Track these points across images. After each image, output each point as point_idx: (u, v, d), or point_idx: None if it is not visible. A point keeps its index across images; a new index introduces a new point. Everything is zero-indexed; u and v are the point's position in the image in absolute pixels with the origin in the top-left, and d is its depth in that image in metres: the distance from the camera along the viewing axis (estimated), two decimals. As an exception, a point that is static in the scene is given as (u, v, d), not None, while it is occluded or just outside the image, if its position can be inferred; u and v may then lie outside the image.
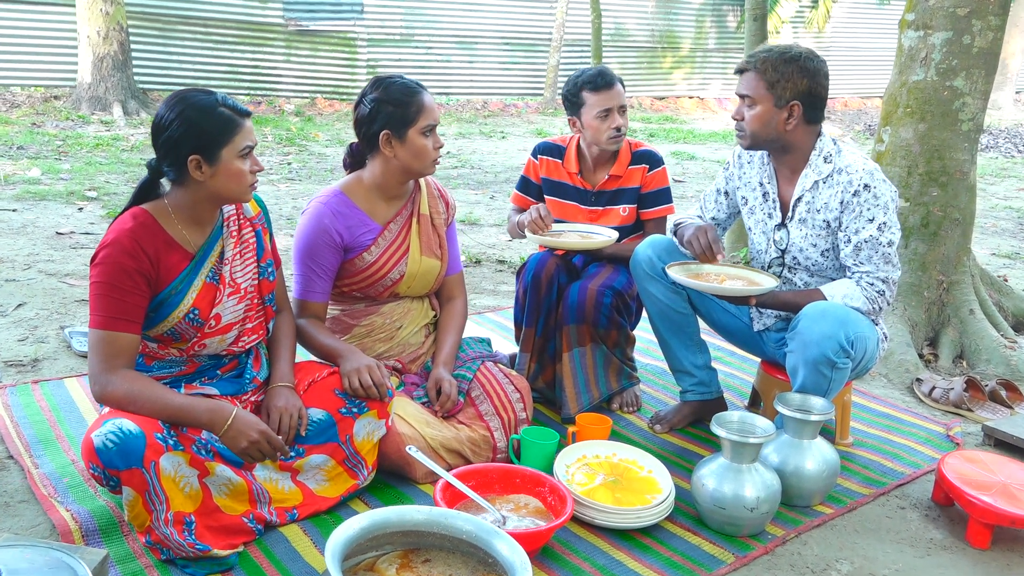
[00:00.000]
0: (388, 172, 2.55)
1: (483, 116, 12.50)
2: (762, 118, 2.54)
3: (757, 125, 2.55)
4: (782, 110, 2.52)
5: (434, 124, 2.51)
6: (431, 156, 2.52)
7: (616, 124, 2.96)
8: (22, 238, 4.75)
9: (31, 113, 9.34)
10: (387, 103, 2.46)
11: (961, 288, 3.76)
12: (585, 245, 2.95)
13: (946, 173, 3.68)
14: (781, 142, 2.59)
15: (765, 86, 2.51)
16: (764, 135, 2.56)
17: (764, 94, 2.52)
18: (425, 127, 2.48)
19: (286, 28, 11.62)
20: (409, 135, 2.47)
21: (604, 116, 2.95)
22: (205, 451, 2.08)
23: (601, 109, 2.94)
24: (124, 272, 2.02)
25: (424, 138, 2.49)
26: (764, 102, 2.52)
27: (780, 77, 2.49)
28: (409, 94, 2.47)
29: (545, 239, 2.93)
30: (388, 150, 2.49)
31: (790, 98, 2.51)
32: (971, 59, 3.58)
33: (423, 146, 2.49)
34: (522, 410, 2.64)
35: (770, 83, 2.50)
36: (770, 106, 2.52)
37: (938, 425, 3.09)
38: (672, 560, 2.18)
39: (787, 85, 2.50)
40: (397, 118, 2.45)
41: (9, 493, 2.27)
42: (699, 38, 15.42)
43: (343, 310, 2.67)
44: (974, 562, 2.27)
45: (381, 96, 2.47)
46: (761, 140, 2.58)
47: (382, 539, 1.83)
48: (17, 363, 3.11)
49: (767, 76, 2.50)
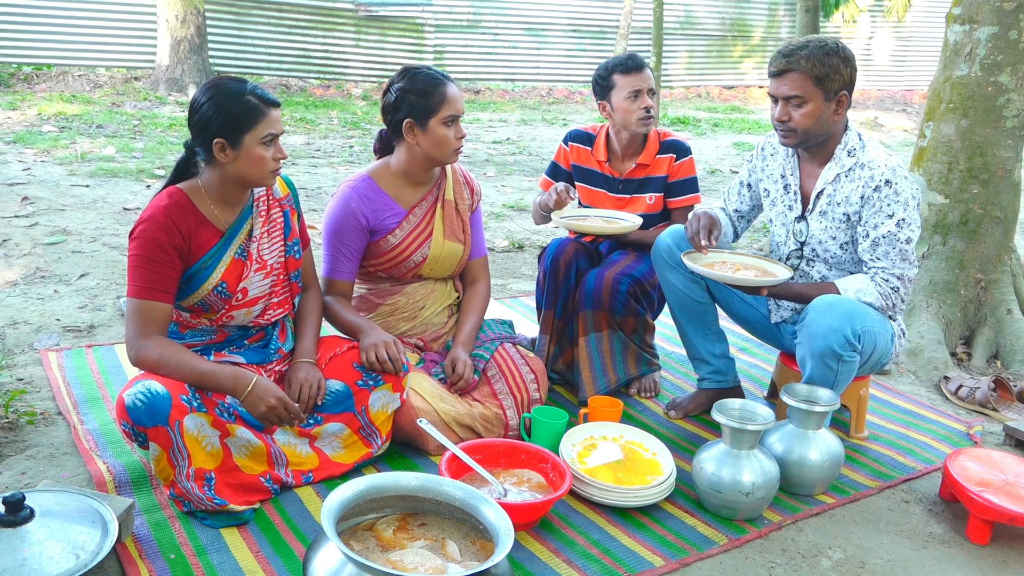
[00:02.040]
0: (412, 159, 2.67)
1: (547, 103, 12.56)
2: (814, 114, 2.54)
3: (810, 122, 2.55)
4: (831, 103, 2.54)
5: (457, 115, 2.61)
6: (453, 145, 2.63)
7: (646, 104, 3.02)
8: (92, 212, 5.04)
9: (112, 93, 9.77)
10: (411, 92, 2.57)
11: (1000, 287, 3.71)
12: (608, 230, 3.02)
13: (988, 170, 3.63)
14: (827, 134, 2.61)
15: (813, 82, 2.51)
16: (816, 130, 2.57)
17: (813, 90, 2.52)
18: (447, 117, 2.58)
19: (356, 13, 11.86)
20: (431, 124, 2.58)
21: (634, 97, 3.01)
22: (227, 414, 2.24)
23: (632, 90, 3.01)
24: (159, 246, 2.19)
25: (446, 128, 2.59)
26: (815, 98, 2.52)
27: (828, 71, 2.50)
28: (433, 84, 2.58)
29: (570, 222, 3.01)
30: (411, 138, 2.61)
31: (838, 89, 2.53)
32: (1017, 54, 3.52)
33: (444, 135, 2.60)
34: (536, 390, 2.75)
35: (818, 78, 2.51)
36: (821, 101, 2.52)
37: (960, 423, 3.08)
38: (665, 539, 2.26)
39: (835, 77, 2.51)
40: (420, 107, 2.57)
41: (55, 446, 2.48)
42: (771, 27, 15.15)
43: (369, 289, 2.81)
44: (970, 557, 2.29)
45: (406, 85, 2.59)
46: (812, 136, 2.58)
47: (381, 502, 1.96)
48: (75, 328, 3.35)
49: (814, 72, 2.50)
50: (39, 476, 2.30)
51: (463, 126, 2.65)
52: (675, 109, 12.72)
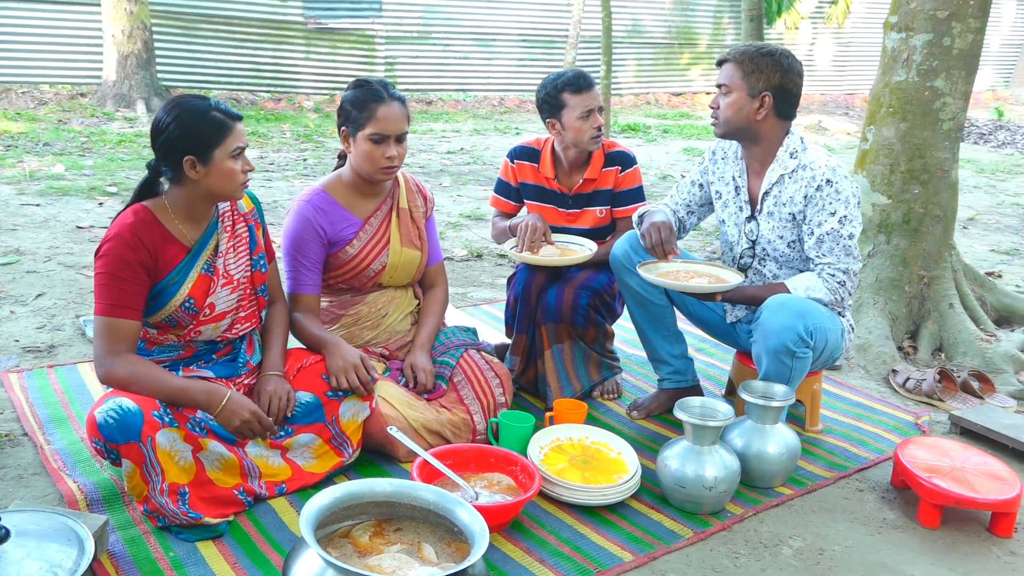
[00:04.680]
0: (352, 170, 2.74)
1: (499, 112, 12.65)
2: (735, 105, 2.69)
3: (730, 112, 2.70)
4: (754, 100, 2.67)
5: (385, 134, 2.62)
6: (379, 163, 2.66)
7: (598, 124, 3.07)
8: (44, 231, 4.98)
9: (58, 110, 9.62)
10: (348, 103, 2.65)
11: (942, 283, 3.87)
12: (565, 262, 3.04)
13: (927, 171, 3.78)
14: (751, 132, 2.73)
15: (741, 75, 2.67)
16: (736, 122, 2.71)
17: (739, 83, 2.68)
18: (372, 134, 2.61)
19: (306, 26, 11.84)
20: (358, 137, 2.64)
21: (587, 116, 3.05)
22: (199, 429, 2.26)
23: (584, 110, 3.03)
24: (126, 263, 2.20)
25: (371, 143, 2.63)
26: (738, 91, 2.68)
27: (755, 68, 2.66)
28: (371, 99, 2.62)
29: (526, 257, 3.02)
30: (346, 145, 2.70)
31: (762, 89, 2.66)
32: (951, 60, 3.68)
33: (366, 151, 2.64)
34: (501, 395, 2.81)
35: (745, 73, 2.67)
36: (743, 95, 2.67)
37: (908, 414, 3.21)
38: (634, 535, 2.33)
39: (761, 76, 2.65)
40: (354, 118, 2.64)
41: (23, 467, 2.47)
42: (716, 34, 15.46)
43: (331, 301, 2.84)
44: (922, 540, 2.40)
45: (346, 96, 2.64)
46: (732, 127, 2.73)
47: (356, 509, 1.99)
48: (35, 349, 3.32)
49: (743, 67, 2.67)
50: (8, 497, 2.29)
51: (416, 137, 2.70)
52: (625, 116, 12.90)
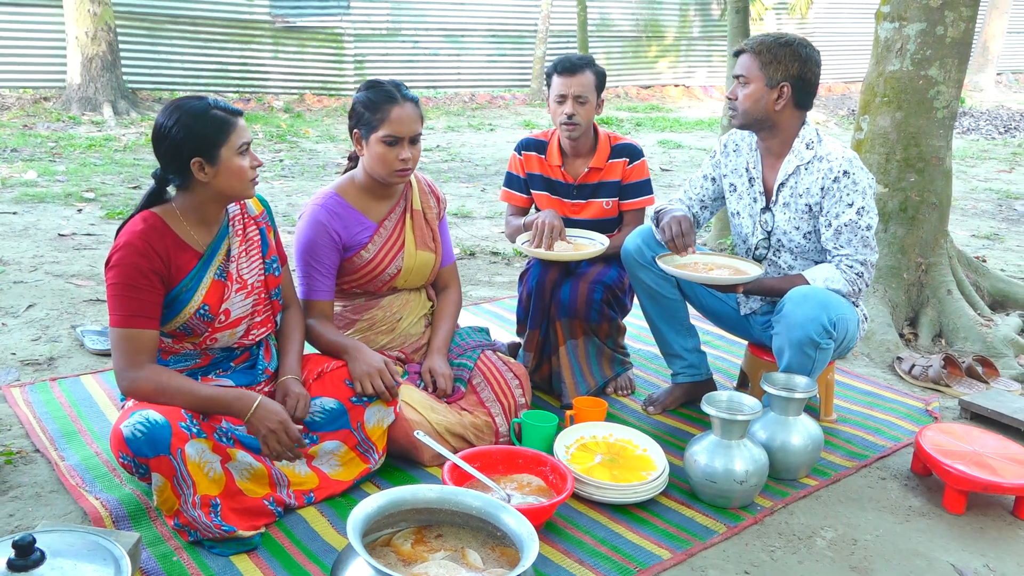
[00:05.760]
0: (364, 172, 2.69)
1: (471, 109, 12.59)
2: (753, 96, 2.68)
3: (749, 103, 2.70)
4: (773, 90, 2.67)
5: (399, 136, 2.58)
6: (394, 166, 2.62)
7: (567, 111, 3.00)
8: (25, 240, 4.85)
9: (21, 115, 9.38)
10: (361, 104, 2.60)
11: (939, 270, 3.91)
12: (579, 256, 3.03)
13: (923, 159, 3.82)
14: (769, 122, 2.72)
15: (759, 66, 2.67)
16: (754, 113, 2.71)
17: (757, 74, 2.67)
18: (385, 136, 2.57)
19: (273, 25, 11.67)
20: (370, 140, 2.60)
21: (560, 101, 3.03)
22: (226, 438, 2.21)
23: (557, 94, 3.03)
24: (139, 272, 2.14)
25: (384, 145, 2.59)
26: (756, 81, 2.68)
27: (773, 58, 2.65)
28: (384, 100, 2.58)
29: (539, 252, 3.00)
30: (358, 148, 2.65)
31: (781, 79, 2.66)
32: (944, 49, 3.72)
33: (379, 152, 2.59)
34: (521, 395, 2.78)
35: (764, 63, 2.66)
36: (762, 85, 2.67)
37: (917, 401, 3.24)
38: (668, 532, 2.32)
39: (779, 67, 2.65)
40: (366, 120, 2.59)
41: (39, 484, 2.39)
42: (683, 27, 15.53)
43: (344, 306, 2.79)
44: (949, 526, 2.42)
45: (358, 98, 2.60)
46: (751, 118, 2.72)
47: (397, 516, 1.96)
48: (33, 362, 3.22)
49: (762, 57, 2.66)
50: (28, 517, 2.22)
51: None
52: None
